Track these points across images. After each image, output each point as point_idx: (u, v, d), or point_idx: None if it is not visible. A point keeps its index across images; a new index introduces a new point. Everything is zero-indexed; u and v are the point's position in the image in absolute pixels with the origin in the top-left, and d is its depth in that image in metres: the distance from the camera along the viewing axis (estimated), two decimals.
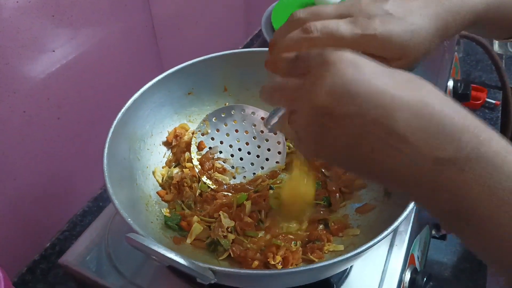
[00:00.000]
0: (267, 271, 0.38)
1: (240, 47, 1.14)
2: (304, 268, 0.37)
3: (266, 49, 0.63)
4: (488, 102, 1.01)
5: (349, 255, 0.37)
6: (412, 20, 0.36)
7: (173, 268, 0.37)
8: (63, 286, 0.68)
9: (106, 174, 0.46)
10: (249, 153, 0.60)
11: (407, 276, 0.53)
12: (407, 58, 0.37)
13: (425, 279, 0.53)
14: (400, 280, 0.51)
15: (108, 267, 0.54)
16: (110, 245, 0.55)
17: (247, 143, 0.60)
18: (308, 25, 0.35)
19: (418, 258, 0.58)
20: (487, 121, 0.99)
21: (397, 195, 0.50)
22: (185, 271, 0.36)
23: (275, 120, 0.60)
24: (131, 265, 0.53)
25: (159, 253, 0.35)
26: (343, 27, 0.35)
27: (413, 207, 0.41)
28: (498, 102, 1.01)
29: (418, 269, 0.56)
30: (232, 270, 0.38)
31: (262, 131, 0.60)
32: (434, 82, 0.79)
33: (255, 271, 0.38)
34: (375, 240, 0.38)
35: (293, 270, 0.39)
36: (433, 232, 0.70)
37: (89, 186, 0.79)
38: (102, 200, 0.79)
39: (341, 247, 0.49)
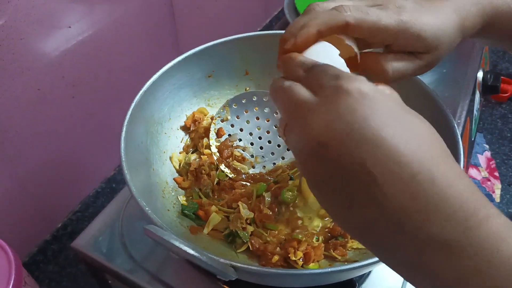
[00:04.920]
0: (290, 271, 0.36)
1: (258, 29, 1.10)
2: (330, 269, 0.35)
3: None
4: None
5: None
6: (441, 13, 0.35)
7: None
8: (74, 268, 0.68)
9: (123, 159, 0.44)
10: (269, 142, 0.58)
11: None
12: (436, 52, 0.35)
13: None
14: None
15: (121, 252, 0.53)
16: (124, 231, 0.54)
17: (268, 132, 0.58)
18: (340, 7, 0.32)
19: None
20: None
21: None
22: (206, 268, 0.34)
23: None
24: (143, 249, 0.52)
25: (180, 248, 0.33)
26: (377, 13, 0.32)
27: None
28: None
29: None
30: (255, 268, 0.37)
31: None
32: (464, 73, 0.76)
33: (279, 270, 0.36)
34: None
35: (318, 271, 0.37)
36: None
37: (102, 167, 0.78)
38: (115, 181, 0.78)
39: None
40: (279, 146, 0.57)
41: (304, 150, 0.26)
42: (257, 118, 0.58)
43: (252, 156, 0.57)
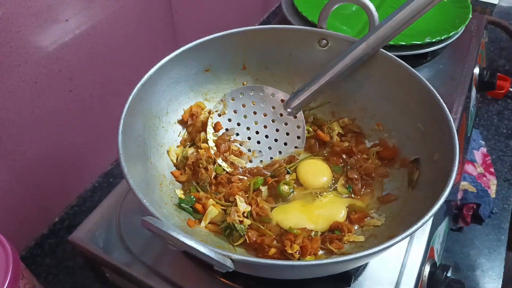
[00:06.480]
0: (287, 262, 0.36)
1: (256, 24, 1.10)
2: (326, 261, 0.36)
3: (289, 26, 0.60)
4: None
5: (377, 249, 0.35)
6: None
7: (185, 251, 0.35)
8: (71, 261, 0.68)
9: (121, 152, 0.44)
10: (266, 136, 0.58)
11: (427, 269, 0.51)
12: None
13: (445, 274, 0.51)
14: (419, 274, 0.50)
15: (118, 245, 0.52)
16: (121, 224, 0.54)
17: (265, 126, 0.58)
18: None
19: (437, 251, 0.57)
20: (509, 111, 0.95)
21: (422, 188, 0.48)
22: (204, 259, 0.34)
23: (296, 102, 0.58)
24: (140, 243, 0.52)
25: (178, 239, 0.33)
26: None
27: (443, 201, 0.39)
28: None
29: (437, 263, 0.54)
30: (252, 259, 0.37)
31: (281, 114, 0.58)
32: (460, 69, 0.76)
33: (275, 262, 0.36)
34: (407, 232, 0.36)
35: (314, 262, 0.37)
36: (450, 224, 0.68)
37: (100, 161, 0.78)
38: (112, 176, 0.78)
39: (362, 238, 0.47)
40: (276, 140, 0.58)
41: None
42: (255, 113, 0.58)
43: (249, 150, 0.58)
